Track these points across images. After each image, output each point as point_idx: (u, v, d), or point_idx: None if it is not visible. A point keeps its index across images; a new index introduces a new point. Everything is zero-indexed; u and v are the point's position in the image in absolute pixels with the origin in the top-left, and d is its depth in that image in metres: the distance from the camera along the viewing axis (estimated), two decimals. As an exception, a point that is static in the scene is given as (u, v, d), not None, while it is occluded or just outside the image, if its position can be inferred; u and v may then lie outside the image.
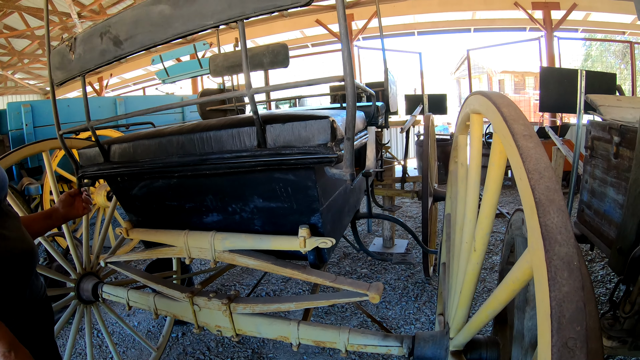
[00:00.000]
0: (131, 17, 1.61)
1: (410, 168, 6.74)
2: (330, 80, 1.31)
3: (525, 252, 0.85)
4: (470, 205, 1.34)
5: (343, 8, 1.21)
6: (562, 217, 0.78)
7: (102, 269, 2.80)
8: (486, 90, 1.30)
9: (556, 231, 0.76)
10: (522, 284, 0.91)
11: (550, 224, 0.77)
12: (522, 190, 0.89)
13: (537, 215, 0.79)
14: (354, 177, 1.40)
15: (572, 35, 13.68)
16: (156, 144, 1.82)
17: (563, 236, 0.75)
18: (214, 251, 1.92)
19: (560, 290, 0.71)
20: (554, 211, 0.78)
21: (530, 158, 0.88)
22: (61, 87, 13.91)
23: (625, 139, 2.31)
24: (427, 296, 3.98)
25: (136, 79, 19.86)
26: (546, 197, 0.80)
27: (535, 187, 0.82)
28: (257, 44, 15.24)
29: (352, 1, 12.53)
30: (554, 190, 0.82)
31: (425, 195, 3.57)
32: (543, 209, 0.79)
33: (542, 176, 0.84)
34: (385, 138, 5.02)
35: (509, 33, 14.26)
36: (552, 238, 0.75)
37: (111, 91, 19.60)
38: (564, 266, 0.73)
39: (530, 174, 0.85)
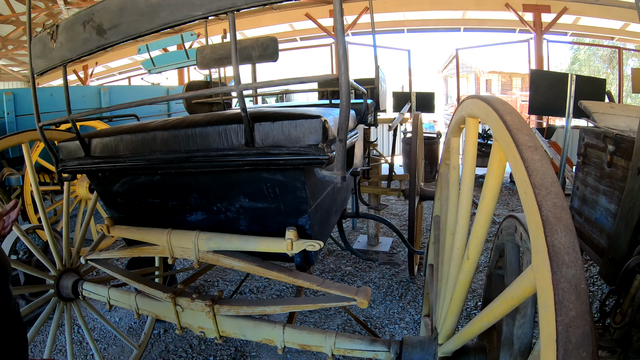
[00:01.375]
0: (116, 4, 1.54)
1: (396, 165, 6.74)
2: (323, 78, 1.26)
3: (528, 270, 0.81)
4: (463, 210, 1.30)
5: (340, 4, 1.16)
6: (570, 237, 0.74)
7: (83, 265, 2.72)
8: (485, 95, 1.26)
9: (564, 252, 0.72)
10: (521, 300, 0.88)
11: (558, 244, 0.73)
12: (527, 205, 0.85)
13: (544, 234, 0.75)
14: (346, 179, 1.36)
15: (562, 39, 13.82)
16: (139, 139, 1.75)
17: (571, 257, 0.72)
18: (198, 251, 1.86)
19: (567, 314, 0.67)
20: (561, 230, 0.75)
21: (537, 172, 0.84)
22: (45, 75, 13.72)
23: (620, 148, 2.31)
24: (412, 295, 3.97)
25: (122, 68, 19.54)
26: (554, 214, 0.76)
27: (542, 203, 0.78)
28: (246, 36, 15.10)
29: (342, -4, 12.45)
30: (562, 208, 0.78)
31: (413, 196, 3.54)
32: (550, 227, 0.75)
33: (549, 192, 0.80)
34: (373, 136, 4.99)
35: (499, 34, 14.36)
36: (559, 259, 0.72)
37: (96, 80, 19.28)
38: (571, 289, 0.69)
39: (537, 189, 0.81)
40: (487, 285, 1.85)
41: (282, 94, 7.74)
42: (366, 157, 3.81)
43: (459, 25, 14.03)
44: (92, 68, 17.23)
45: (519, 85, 26.19)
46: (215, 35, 12.23)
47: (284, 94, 6.71)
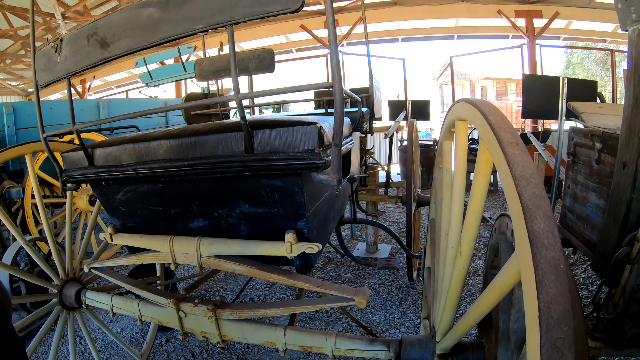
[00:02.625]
0: (119, 19, 1.60)
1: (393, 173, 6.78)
2: (318, 86, 1.32)
3: (513, 257, 0.87)
4: (456, 211, 1.36)
5: (332, 14, 1.22)
6: (548, 222, 0.80)
7: (85, 274, 2.76)
8: (472, 98, 1.32)
9: (543, 236, 0.78)
10: (509, 287, 0.93)
11: (537, 229, 0.79)
12: (509, 196, 0.91)
13: (525, 221, 0.81)
14: (341, 182, 1.41)
15: (554, 43, 14.01)
16: (142, 148, 1.80)
17: (550, 240, 0.78)
18: (200, 257, 1.90)
19: (548, 292, 0.73)
20: (540, 217, 0.80)
21: (517, 165, 0.90)
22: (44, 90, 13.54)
23: (607, 145, 2.37)
24: (411, 300, 4.01)
25: (119, 81, 19.68)
26: (533, 203, 0.83)
27: (522, 193, 0.84)
28: (242, 49, 15.22)
29: (336, 7, 12.60)
30: (540, 197, 0.84)
31: (410, 201, 3.59)
32: (530, 214, 0.81)
33: (529, 183, 0.86)
34: (369, 144, 5.05)
35: (492, 40, 14.53)
36: (539, 242, 0.77)
37: (94, 94, 19.38)
38: (551, 269, 0.75)
39: (517, 181, 0.87)
40: (484, 286, 1.89)
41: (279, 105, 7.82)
42: (363, 164, 3.86)
43: (452, 33, 14.20)
44: (89, 82, 17.31)
45: (514, 90, 26.38)
46: (212, 48, 12.34)
47: (281, 104, 6.79)
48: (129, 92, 17.57)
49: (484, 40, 15.03)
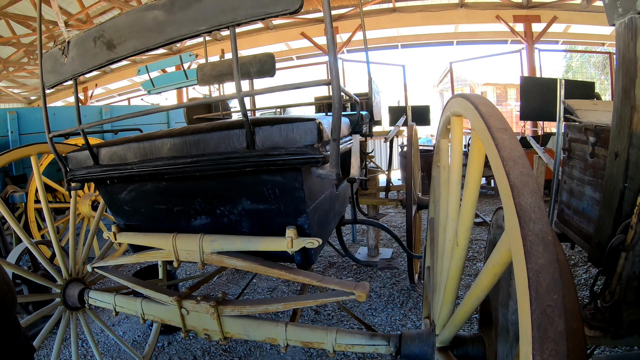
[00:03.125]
0: (125, 22, 1.65)
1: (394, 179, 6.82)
2: (317, 83, 1.37)
3: (503, 235, 0.90)
4: (453, 204, 1.40)
5: (330, 15, 1.27)
6: (535, 198, 0.84)
7: (89, 275, 2.79)
8: (466, 93, 1.37)
9: (530, 210, 0.82)
10: (503, 266, 0.96)
11: (525, 204, 0.83)
12: (498, 178, 0.95)
13: (512, 197, 0.85)
14: (340, 176, 1.45)
15: (553, 47, 14.07)
16: (146, 147, 1.84)
17: (537, 214, 0.81)
18: (202, 253, 1.94)
19: (537, 262, 0.76)
20: (527, 193, 0.85)
21: (505, 148, 0.95)
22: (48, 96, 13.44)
23: (600, 139, 2.42)
24: (413, 303, 4.03)
25: (121, 89, 19.81)
26: (520, 180, 0.87)
27: (510, 172, 0.89)
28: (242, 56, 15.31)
29: (336, 14, 12.71)
30: (528, 175, 0.88)
31: (410, 202, 3.63)
32: (517, 191, 0.85)
33: (516, 163, 0.91)
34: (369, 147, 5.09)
35: (491, 45, 14.64)
36: (526, 216, 0.81)
37: (96, 101, 19.49)
38: (538, 241, 0.78)
39: (505, 162, 0.91)
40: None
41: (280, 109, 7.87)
42: (363, 168, 3.90)
43: (451, 39, 14.30)
44: (92, 90, 17.44)
45: (514, 96, 26.43)
46: (213, 56, 12.45)
47: (282, 108, 6.85)
48: (131, 99, 17.66)
49: (483, 46, 15.12)
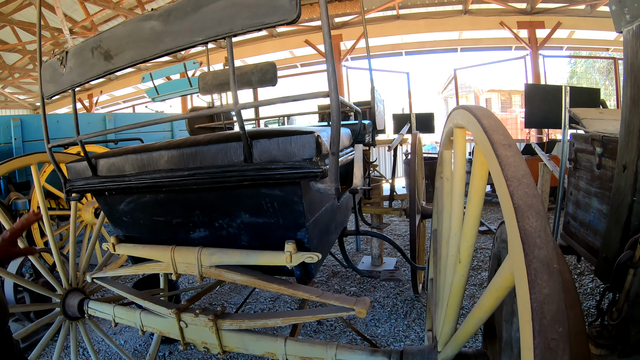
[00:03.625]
0: (122, 32, 1.64)
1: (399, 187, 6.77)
2: (315, 95, 1.34)
3: (507, 258, 0.86)
4: (455, 218, 1.36)
5: (328, 25, 1.24)
6: (540, 221, 0.79)
7: (89, 284, 2.78)
8: (468, 104, 1.33)
9: (535, 235, 0.77)
10: (506, 290, 0.92)
11: (529, 228, 0.78)
12: (501, 197, 0.90)
13: (516, 220, 0.80)
14: (339, 191, 1.41)
15: (557, 53, 14.04)
16: (144, 159, 1.82)
17: (542, 239, 0.77)
18: (201, 266, 1.91)
19: (541, 292, 0.72)
20: (532, 215, 0.80)
21: (509, 166, 0.90)
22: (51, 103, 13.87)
23: (607, 150, 2.37)
24: (417, 313, 3.97)
25: (126, 96, 19.88)
26: (524, 202, 0.82)
27: (514, 193, 0.84)
28: (246, 63, 15.38)
29: (340, 22, 12.73)
30: (533, 196, 0.83)
31: (413, 212, 3.58)
32: (522, 213, 0.80)
33: (521, 182, 0.86)
34: (373, 156, 5.04)
35: (495, 52, 14.61)
36: (531, 242, 0.76)
37: (101, 108, 19.62)
38: (543, 269, 0.74)
39: (509, 181, 0.86)
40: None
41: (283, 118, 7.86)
42: (366, 177, 3.86)
43: (455, 45, 14.27)
44: (97, 96, 17.53)
45: (518, 102, 26.33)
46: (216, 64, 12.50)
47: (285, 117, 6.83)
48: (136, 107, 17.73)
49: (487, 52, 15.09)
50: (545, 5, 11.36)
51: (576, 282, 4.42)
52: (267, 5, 1.26)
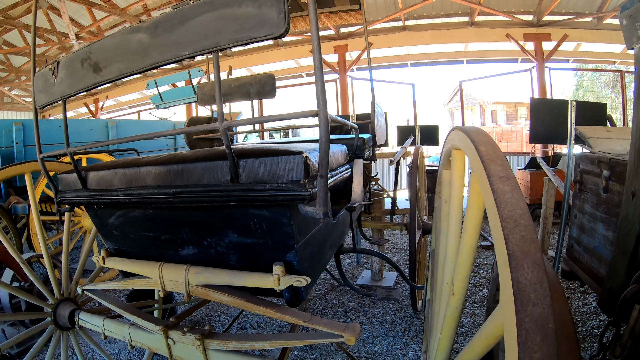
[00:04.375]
0: (111, 44, 1.61)
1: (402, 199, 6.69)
2: (303, 114, 1.28)
3: (498, 308, 0.77)
4: (452, 245, 1.29)
5: (318, 40, 1.18)
6: (537, 272, 0.70)
7: (81, 295, 2.75)
8: (466, 126, 1.26)
9: (530, 288, 0.68)
10: (496, 339, 0.83)
11: (523, 280, 0.69)
12: (495, 238, 0.81)
13: (510, 270, 0.71)
14: (328, 215, 1.34)
15: (564, 66, 13.95)
16: (132, 174, 1.78)
17: (537, 294, 0.67)
18: (188, 285, 1.86)
19: (532, 357, 0.63)
20: (528, 265, 0.71)
21: (506, 203, 0.81)
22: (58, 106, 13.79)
23: (615, 173, 2.26)
24: (415, 331, 3.88)
25: (132, 102, 19.99)
26: (520, 248, 0.73)
27: (508, 236, 0.75)
28: (252, 72, 15.43)
29: (346, 32, 12.73)
30: (530, 241, 0.74)
31: (413, 229, 3.49)
32: (516, 262, 0.71)
33: (517, 224, 0.77)
34: (375, 169, 4.96)
35: (501, 64, 14.49)
36: (524, 296, 0.67)
37: (107, 113, 19.73)
38: (536, 329, 0.65)
39: (504, 222, 0.77)
40: (486, 318, 1.79)
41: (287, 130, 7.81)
42: (367, 191, 3.78)
43: (461, 57, 14.23)
44: (102, 101, 17.64)
45: (524, 114, 26.24)
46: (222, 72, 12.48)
47: (290, 128, 6.78)
48: (141, 113, 17.78)
49: (493, 64, 15.00)
50: (552, 17, 11.31)
51: (580, 300, 4.32)
52: (255, 19, 1.20)
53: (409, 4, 11.34)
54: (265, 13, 1.19)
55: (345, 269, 5.78)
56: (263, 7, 1.20)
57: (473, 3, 10.80)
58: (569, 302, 4.23)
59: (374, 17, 12.12)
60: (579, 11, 11.18)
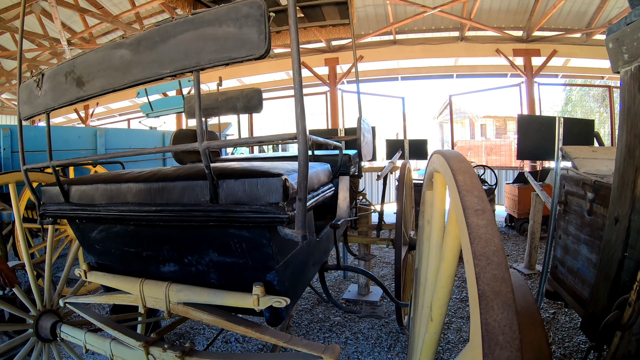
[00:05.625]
0: (94, 59, 1.60)
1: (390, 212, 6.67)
2: (281, 137, 1.27)
3: (468, 347, 0.75)
4: (432, 267, 1.28)
5: (299, 62, 1.18)
6: (507, 314, 0.68)
7: (63, 307, 2.71)
8: (447, 151, 1.25)
9: (498, 330, 0.66)
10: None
11: (492, 322, 0.67)
12: (468, 274, 0.79)
13: (479, 310, 0.69)
14: (307, 238, 1.33)
15: (552, 81, 14.12)
16: (113, 190, 1.77)
17: (506, 337, 0.65)
18: (169, 302, 1.84)
19: (497, 402, 0.59)
20: (498, 306, 0.68)
21: (479, 239, 0.79)
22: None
23: (599, 196, 2.26)
24: (401, 347, 3.85)
25: (122, 109, 19.86)
26: (491, 288, 0.70)
27: (480, 275, 0.72)
28: (244, 83, 15.42)
29: (337, 45, 12.79)
30: (502, 280, 0.71)
31: (399, 245, 3.47)
32: (486, 302, 0.69)
33: (490, 262, 0.74)
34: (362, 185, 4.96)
35: (491, 79, 14.64)
36: (492, 339, 0.65)
37: (97, 120, 19.59)
38: None
39: (477, 259, 0.75)
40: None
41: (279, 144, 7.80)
42: (353, 207, 3.76)
43: (451, 72, 14.33)
44: (93, 108, 17.51)
45: (513, 128, 26.49)
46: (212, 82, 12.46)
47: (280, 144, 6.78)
48: (131, 121, 17.68)
49: (483, 79, 15.13)
50: (542, 33, 11.47)
51: (567, 315, 4.33)
52: (235, 40, 1.20)
53: (400, 18, 11.44)
54: (245, 34, 1.19)
55: (332, 283, 5.75)
56: (244, 28, 1.19)
57: (463, 18, 10.92)
58: (556, 318, 4.24)
59: (365, 31, 12.20)
60: (568, 27, 11.34)
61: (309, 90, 13.57)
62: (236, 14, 1.22)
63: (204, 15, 1.27)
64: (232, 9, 1.23)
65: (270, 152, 9.15)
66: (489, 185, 8.59)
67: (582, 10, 10.68)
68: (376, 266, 6.54)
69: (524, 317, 1.15)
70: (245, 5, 1.21)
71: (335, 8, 3.99)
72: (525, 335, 1.11)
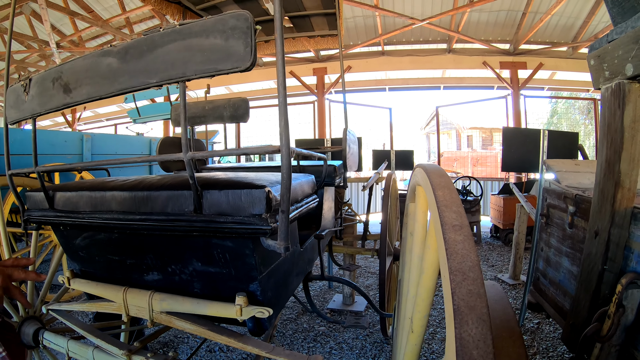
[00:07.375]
0: (82, 65, 1.60)
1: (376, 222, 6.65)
2: (265, 149, 1.28)
3: (444, 358, 0.77)
4: (413, 280, 1.29)
5: (283, 75, 1.20)
6: (481, 329, 0.68)
7: (46, 314, 2.68)
8: (428, 165, 1.27)
9: (472, 345, 0.66)
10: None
11: (467, 337, 0.67)
12: (445, 289, 0.80)
13: (454, 325, 0.70)
14: (289, 249, 1.34)
15: (538, 93, 14.32)
16: (97, 198, 1.76)
17: (480, 352, 0.66)
18: (152, 311, 1.83)
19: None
20: (472, 321, 0.69)
21: (456, 255, 0.79)
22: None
23: (580, 209, 2.30)
24: (385, 357, 3.86)
25: (110, 114, 19.69)
26: (466, 303, 0.71)
27: (455, 290, 0.73)
28: (232, 91, 15.39)
29: (325, 55, 12.87)
30: (477, 296, 0.72)
31: (383, 256, 3.48)
32: (460, 317, 0.70)
33: (466, 277, 0.75)
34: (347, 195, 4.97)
35: (478, 91, 14.81)
36: (466, 354, 0.66)
37: (84, 124, 19.39)
38: None
39: (453, 275, 0.76)
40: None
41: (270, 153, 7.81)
42: (338, 217, 3.76)
43: (439, 83, 14.47)
44: (80, 112, 17.34)
45: (499, 140, 26.78)
46: (200, 89, 12.44)
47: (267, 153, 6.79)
48: (118, 126, 17.54)
49: (469, 91, 15.34)
50: (528, 46, 11.67)
51: (551, 325, 4.37)
52: (221, 52, 1.21)
53: (388, 30, 11.55)
54: (232, 46, 1.20)
55: (317, 293, 5.74)
56: (230, 40, 1.21)
57: (451, 31, 11.07)
58: (540, 327, 4.28)
59: (354, 42, 12.30)
60: (554, 41, 11.55)
61: (297, 100, 13.62)
62: (223, 25, 1.23)
63: (191, 27, 1.28)
64: (219, 20, 1.24)
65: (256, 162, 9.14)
66: (475, 196, 8.67)
67: (568, 24, 10.90)
68: (361, 276, 6.55)
69: (503, 330, 1.17)
70: (232, 18, 1.22)
71: (324, 19, 4.02)
72: (504, 348, 1.13)
